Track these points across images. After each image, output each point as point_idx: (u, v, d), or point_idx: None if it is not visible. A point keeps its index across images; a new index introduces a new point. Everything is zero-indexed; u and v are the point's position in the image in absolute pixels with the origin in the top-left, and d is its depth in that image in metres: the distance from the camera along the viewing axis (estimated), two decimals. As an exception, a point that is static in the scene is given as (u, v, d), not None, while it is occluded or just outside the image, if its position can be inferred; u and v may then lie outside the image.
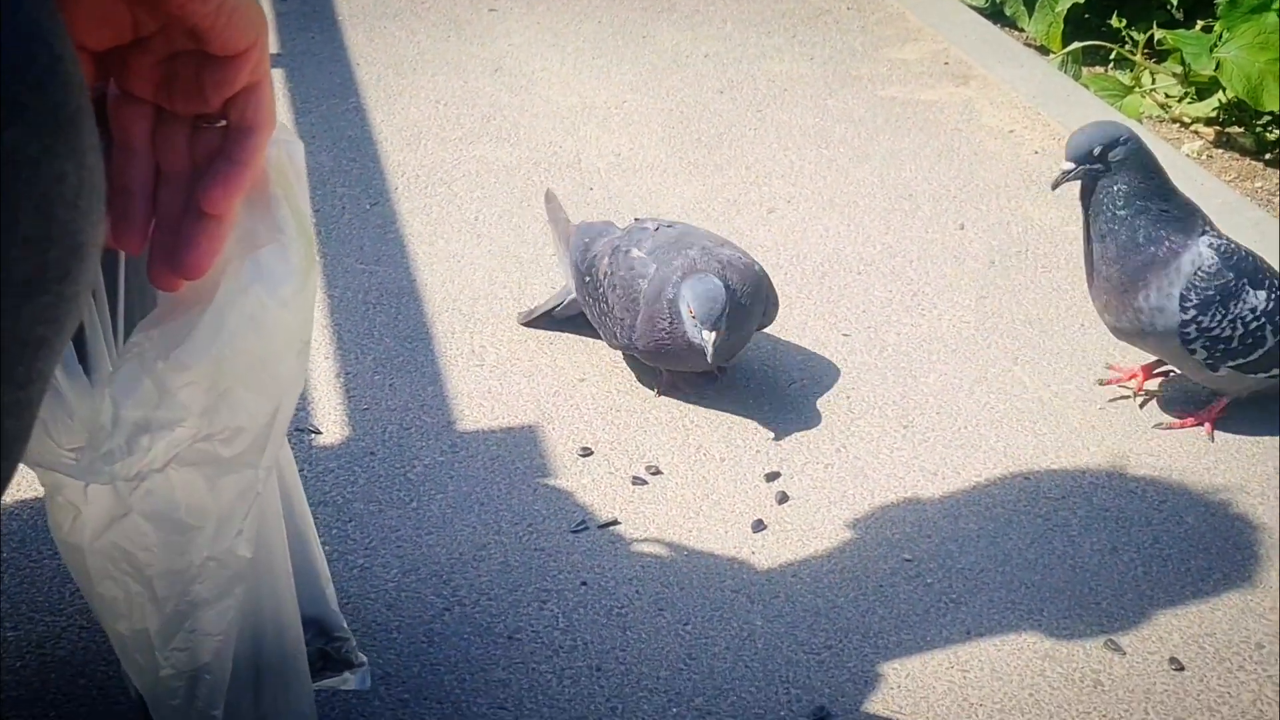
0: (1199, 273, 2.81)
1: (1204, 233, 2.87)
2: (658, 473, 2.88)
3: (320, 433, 2.98)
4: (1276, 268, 2.95)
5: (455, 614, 2.53)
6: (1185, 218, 2.87)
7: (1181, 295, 2.82)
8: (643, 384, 3.13)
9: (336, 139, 4.21)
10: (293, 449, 2.15)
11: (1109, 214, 2.84)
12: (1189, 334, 2.83)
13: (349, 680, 2.23)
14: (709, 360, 2.89)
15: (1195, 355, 2.86)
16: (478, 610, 2.54)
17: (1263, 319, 2.84)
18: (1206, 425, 2.96)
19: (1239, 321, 2.83)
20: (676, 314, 2.91)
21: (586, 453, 2.93)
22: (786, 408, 3.07)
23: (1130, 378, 3.09)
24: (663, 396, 3.08)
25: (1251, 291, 2.84)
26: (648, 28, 5.02)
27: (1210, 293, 2.81)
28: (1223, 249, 2.85)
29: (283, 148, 1.60)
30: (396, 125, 4.33)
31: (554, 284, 3.50)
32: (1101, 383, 3.10)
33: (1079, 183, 2.90)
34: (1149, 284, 2.83)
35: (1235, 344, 2.84)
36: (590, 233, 3.24)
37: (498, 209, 3.85)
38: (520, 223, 3.78)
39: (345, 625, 2.23)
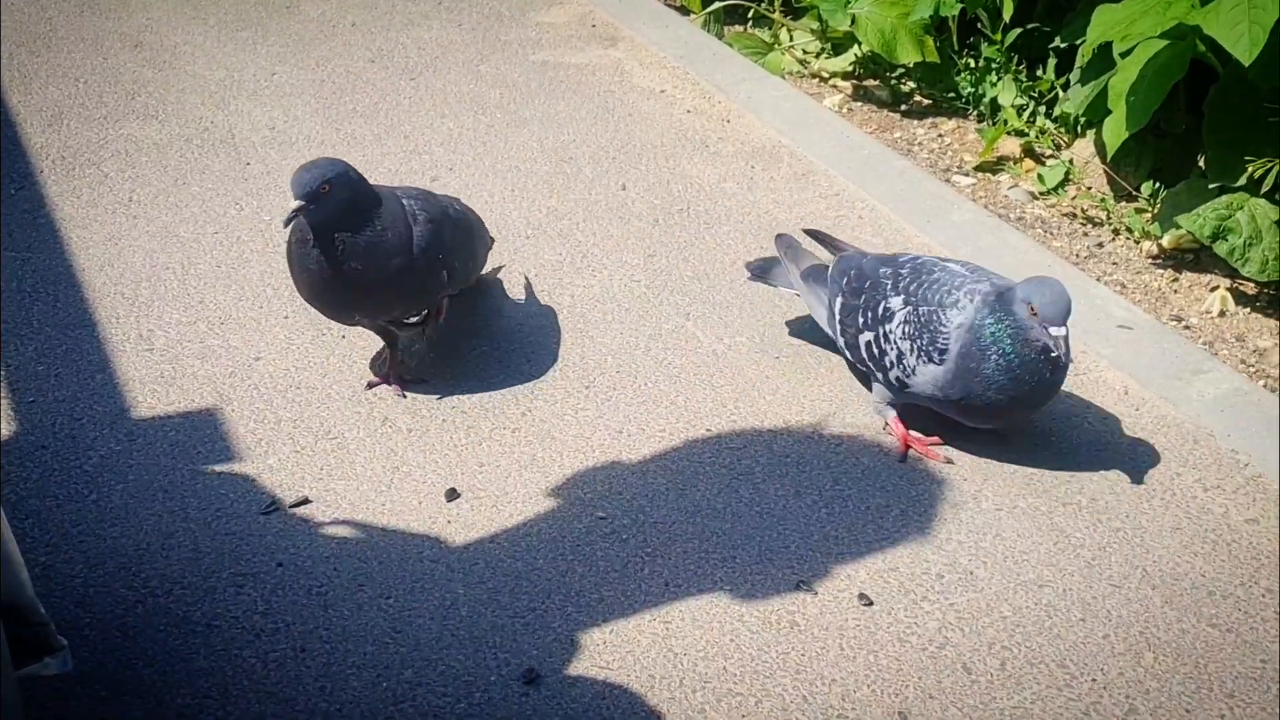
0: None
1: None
2: (344, 448, 2.85)
3: (-15, 429, 2.86)
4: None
5: (148, 605, 2.46)
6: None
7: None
8: (319, 360, 3.09)
9: (-29, 122, 4.03)
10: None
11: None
12: None
13: (50, 665, 2.16)
14: (284, 221, 2.75)
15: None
16: (171, 600, 2.47)
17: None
18: None
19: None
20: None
21: (270, 432, 2.88)
22: (468, 374, 3.07)
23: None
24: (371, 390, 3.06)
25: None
26: (291, -3, 4.94)
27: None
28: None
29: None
30: (34, 105, 4.15)
31: (222, 262, 3.43)
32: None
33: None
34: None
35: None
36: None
37: (153, 188, 3.74)
38: (178, 201, 3.68)
39: (43, 610, 2.15)
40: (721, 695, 2.32)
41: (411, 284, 2.90)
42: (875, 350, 2.86)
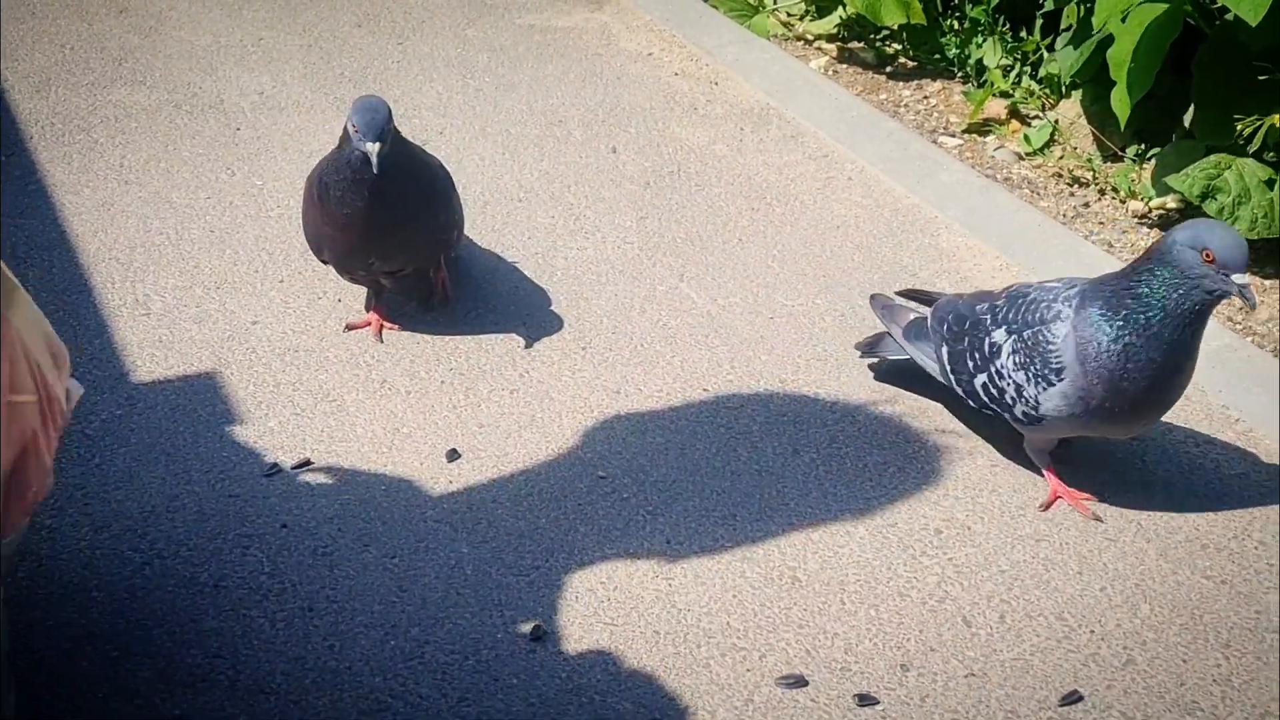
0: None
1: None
2: (344, 410, 2.87)
3: (-15, 395, 2.86)
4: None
5: (155, 567, 2.48)
6: None
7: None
8: (316, 323, 3.11)
9: (-41, 89, 4.02)
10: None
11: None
12: None
13: None
14: (373, 166, 2.78)
15: None
16: (178, 562, 2.49)
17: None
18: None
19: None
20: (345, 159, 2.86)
21: (269, 396, 2.90)
22: (465, 337, 3.09)
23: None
24: (349, 332, 3.08)
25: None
26: (275, -38, 4.92)
27: None
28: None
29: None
30: (21, 72, 4.15)
31: (215, 227, 3.44)
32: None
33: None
34: None
35: None
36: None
37: (143, 154, 3.74)
38: (169, 167, 3.68)
39: None
40: (725, 650, 2.35)
41: (431, 229, 3.03)
42: (993, 390, 2.69)
